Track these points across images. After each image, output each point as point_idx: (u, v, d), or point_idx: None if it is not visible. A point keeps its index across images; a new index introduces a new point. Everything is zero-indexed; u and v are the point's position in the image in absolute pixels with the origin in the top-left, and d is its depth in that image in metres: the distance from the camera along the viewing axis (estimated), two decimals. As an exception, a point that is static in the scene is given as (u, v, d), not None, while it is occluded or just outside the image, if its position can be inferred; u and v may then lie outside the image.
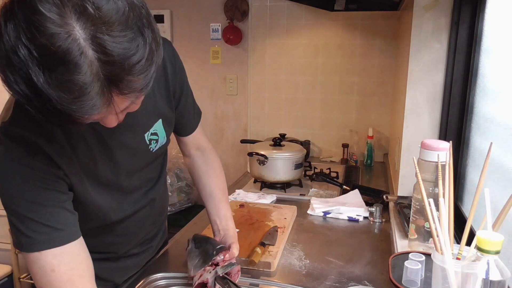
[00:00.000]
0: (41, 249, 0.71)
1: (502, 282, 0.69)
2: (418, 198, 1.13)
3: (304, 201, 1.75)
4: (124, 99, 0.57)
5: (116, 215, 0.93)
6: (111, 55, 0.51)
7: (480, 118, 1.27)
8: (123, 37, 0.51)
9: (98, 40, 0.50)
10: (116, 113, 0.60)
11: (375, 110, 2.52)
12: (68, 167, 0.76)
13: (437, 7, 1.40)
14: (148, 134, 0.91)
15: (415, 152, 1.15)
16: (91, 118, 0.57)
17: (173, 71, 0.92)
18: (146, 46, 0.54)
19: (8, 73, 0.51)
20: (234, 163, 2.84)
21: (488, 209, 0.72)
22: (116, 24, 0.51)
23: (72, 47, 0.49)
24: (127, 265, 1.08)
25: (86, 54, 0.50)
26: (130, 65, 0.53)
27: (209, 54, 2.74)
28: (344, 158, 2.47)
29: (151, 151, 0.94)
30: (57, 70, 0.50)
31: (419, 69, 1.46)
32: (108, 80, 0.53)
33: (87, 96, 0.51)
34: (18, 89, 0.52)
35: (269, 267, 1.14)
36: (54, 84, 0.50)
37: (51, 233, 0.72)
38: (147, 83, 0.57)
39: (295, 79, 2.62)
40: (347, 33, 2.48)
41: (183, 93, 0.99)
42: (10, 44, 0.49)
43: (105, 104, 0.55)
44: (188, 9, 2.71)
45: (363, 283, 1.07)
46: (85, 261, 0.77)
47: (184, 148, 1.14)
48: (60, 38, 0.49)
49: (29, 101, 0.52)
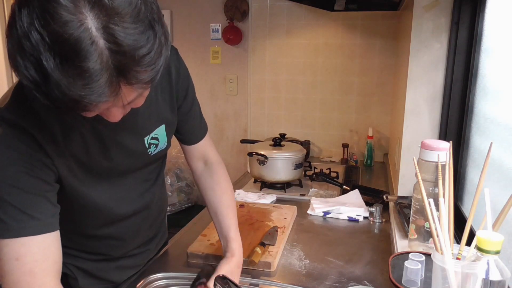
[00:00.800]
0: (13, 236, 0.70)
1: (502, 282, 0.69)
2: (418, 198, 1.13)
3: (304, 201, 1.75)
4: (132, 90, 0.58)
5: (113, 213, 0.93)
6: (121, 45, 0.52)
7: (480, 118, 1.27)
8: (134, 29, 0.53)
9: (109, 30, 0.51)
10: (123, 105, 0.61)
11: (375, 110, 2.53)
12: (59, 158, 0.75)
13: (437, 7, 1.40)
14: (148, 138, 0.91)
15: (415, 152, 1.15)
16: (98, 108, 0.57)
17: (177, 77, 0.93)
18: (155, 39, 0.56)
19: (19, 58, 0.52)
20: (234, 163, 2.84)
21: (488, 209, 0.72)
22: (128, 16, 0.52)
23: (84, 36, 0.50)
24: (125, 265, 1.08)
25: (97, 43, 0.51)
26: (139, 56, 0.54)
27: (209, 54, 2.74)
28: (344, 158, 2.47)
29: (149, 154, 0.94)
30: (68, 57, 0.51)
31: (419, 69, 1.46)
32: (117, 70, 0.54)
33: (96, 83, 0.52)
34: (27, 74, 0.53)
35: (269, 267, 1.14)
36: (65, 70, 0.51)
37: (26, 221, 0.71)
38: (155, 75, 0.58)
39: (295, 79, 2.62)
40: (347, 33, 2.48)
41: (188, 99, 0.99)
42: (23, 30, 0.51)
43: (113, 93, 0.56)
44: (188, 9, 2.71)
45: (363, 283, 1.07)
46: (54, 256, 0.75)
47: (191, 161, 1.11)
48: (72, 26, 0.50)
49: (38, 86, 0.53)
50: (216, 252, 1.19)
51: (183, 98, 0.97)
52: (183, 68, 0.95)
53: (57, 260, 0.76)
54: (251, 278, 1.10)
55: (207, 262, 1.17)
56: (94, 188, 0.86)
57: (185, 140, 1.07)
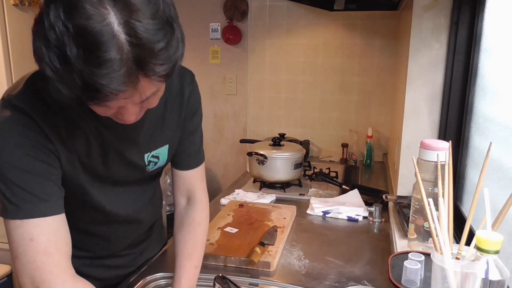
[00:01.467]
0: (24, 217, 0.72)
1: (502, 282, 0.69)
2: (418, 197, 1.13)
3: (303, 201, 1.74)
4: (149, 84, 0.61)
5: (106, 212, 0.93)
6: (140, 39, 0.56)
7: (480, 118, 1.27)
8: (153, 25, 0.57)
9: (130, 25, 0.55)
10: (141, 99, 0.63)
11: (375, 110, 2.53)
12: (62, 150, 0.77)
13: (437, 7, 1.40)
14: (149, 155, 0.93)
15: (415, 152, 1.15)
16: (117, 99, 0.60)
17: (188, 100, 0.96)
18: (172, 36, 0.60)
19: (44, 49, 0.56)
20: (233, 163, 2.84)
21: (487, 208, 0.72)
22: (147, 13, 0.57)
23: (106, 29, 0.54)
24: (110, 264, 1.07)
25: (118, 36, 0.55)
26: (157, 49, 0.58)
27: (208, 54, 2.74)
28: (344, 158, 2.47)
29: (147, 170, 0.95)
30: (91, 48, 0.54)
31: (419, 69, 1.46)
32: (136, 62, 0.57)
33: (116, 73, 0.56)
34: (51, 64, 0.56)
35: (269, 267, 1.14)
36: (87, 60, 0.55)
37: (36, 203, 0.73)
38: (171, 70, 0.61)
39: (294, 79, 2.62)
40: (347, 33, 2.48)
41: (192, 122, 0.99)
42: (50, 22, 0.55)
43: (132, 83, 0.59)
44: (188, 8, 2.71)
45: (363, 283, 1.07)
46: (64, 237, 0.77)
47: (175, 193, 1.05)
48: (96, 20, 0.54)
49: (60, 76, 0.57)
50: (215, 252, 1.19)
51: (189, 120, 0.98)
52: (196, 93, 0.98)
53: (68, 242, 0.78)
54: (251, 278, 1.10)
55: (206, 262, 1.17)
56: (91, 184, 0.87)
57: (175, 162, 1.02)
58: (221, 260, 1.17)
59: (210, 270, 1.13)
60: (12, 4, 2.34)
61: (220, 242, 1.26)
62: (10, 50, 2.39)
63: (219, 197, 1.76)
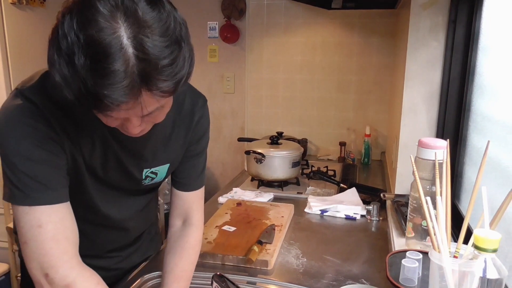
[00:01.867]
0: (32, 203, 0.74)
1: (500, 280, 0.69)
2: (416, 196, 1.13)
3: (301, 199, 1.74)
4: (151, 99, 0.63)
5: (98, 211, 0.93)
6: (147, 54, 0.58)
7: (478, 116, 1.28)
8: (161, 42, 0.59)
9: (139, 40, 0.58)
10: (142, 113, 0.64)
11: (373, 108, 2.53)
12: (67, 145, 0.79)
13: (435, 5, 1.40)
14: (147, 171, 0.94)
15: (413, 150, 1.15)
16: (119, 110, 0.61)
17: (197, 124, 0.96)
18: (179, 54, 0.62)
19: (56, 56, 0.59)
20: (231, 161, 2.84)
21: (485, 207, 0.72)
22: (157, 30, 0.59)
23: (115, 42, 0.56)
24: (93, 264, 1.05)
25: (126, 50, 0.57)
26: (162, 65, 0.59)
27: (206, 52, 2.73)
28: (342, 156, 2.47)
29: (142, 183, 0.96)
30: (97, 59, 0.56)
31: (417, 67, 1.46)
32: (140, 76, 0.59)
33: (119, 84, 0.58)
34: (59, 70, 0.59)
35: (266, 265, 1.14)
36: (93, 70, 0.57)
37: (43, 191, 0.75)
38: (174, 86, 0.63)
39: (292, 77, 2.61)
40: (345, 32, 2.48)
41: (198, 146, 0.99)
42: (63, 31, 0.57)
43: (134, 96, 0.60)
44: (185, 7, 2.70)
45: (360, 282, 1.07)
46: (71, 226, 0.79)
47: (172, 215, 1.04)
48: (107, 32, 0.56)
49: (67, 83, 0.59)
50: (213, 250, 1.19)
51: (194, 143, 0.99)
52: (205, 118, 0.99)
53: (74, 230, 0.79)
54: (249, 277, 1.10)
55: (204, 261, 1.17)
56: (91, 184, 0.87)
57: (176, 182, 1.02)
58: (218, 259, 1.17)
59: (208, 268, 1.13)
60: (10, 3, 2.34)
61: (218, 240, 1.26)
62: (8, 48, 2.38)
63: (216, 196, 1.76)
